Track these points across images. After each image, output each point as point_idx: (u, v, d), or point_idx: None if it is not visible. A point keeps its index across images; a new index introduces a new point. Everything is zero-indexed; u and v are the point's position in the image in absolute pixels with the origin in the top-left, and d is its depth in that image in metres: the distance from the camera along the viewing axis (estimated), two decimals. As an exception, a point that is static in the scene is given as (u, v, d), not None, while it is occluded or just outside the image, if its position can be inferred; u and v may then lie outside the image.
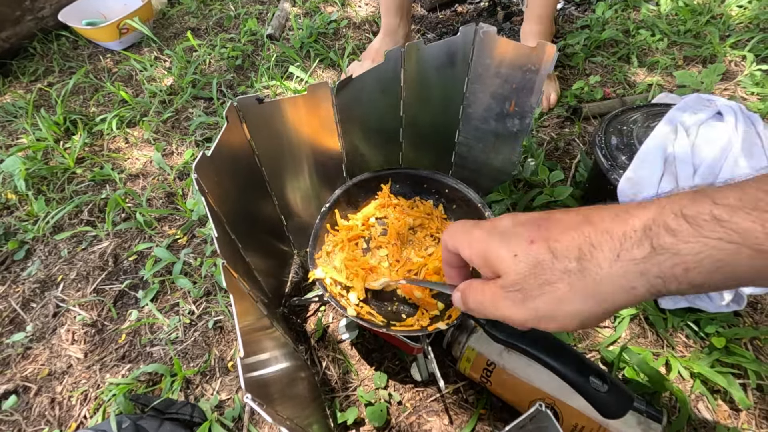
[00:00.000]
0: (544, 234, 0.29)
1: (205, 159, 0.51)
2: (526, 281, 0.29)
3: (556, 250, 0.28)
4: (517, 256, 0.29)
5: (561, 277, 0.28)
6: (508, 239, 0.31)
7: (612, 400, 0.44)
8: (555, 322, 0.29)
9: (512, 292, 0.30)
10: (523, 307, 0.30)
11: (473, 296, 0.34)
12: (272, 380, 0.49)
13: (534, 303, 0.29)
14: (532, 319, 0.30)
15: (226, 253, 0.48)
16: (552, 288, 0.28)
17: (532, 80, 0.67)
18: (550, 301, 0.28)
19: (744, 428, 0.63)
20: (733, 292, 0.65)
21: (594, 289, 0.27)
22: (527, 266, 0.29)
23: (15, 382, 0.74)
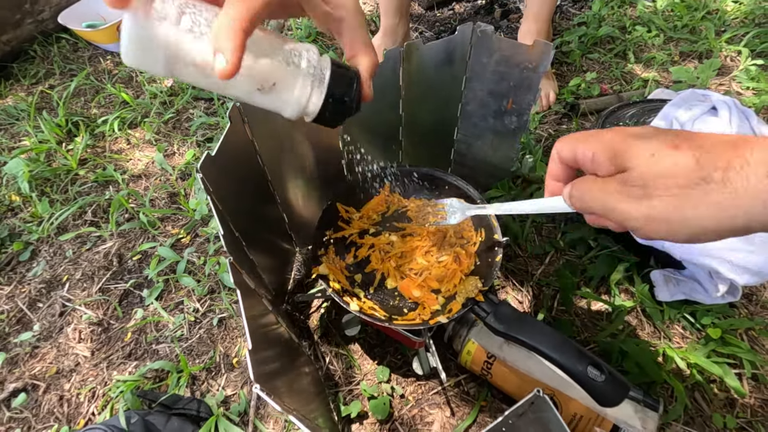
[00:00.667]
0: (691, 143, 0.27)
1: (209, 159, 0.52)
2: (655, 180, 0.27)
3: (702, 159, 0.26)
4: (654, 156, 0.27)
5: (697, 184, 0.26)
6: (648, 140, 0.28)
7: (609, 390, 0.46)
8: (666, 225, 0.27)
9: (633, 187, 0.28)
10: (638, 203, 0.28)
11: (581, 185, 0.32)
12: (278, 374, 0.50)
13: (652, 202, 0.27)
14: (642, 218, 0.28)
15: (232, 251, 0.49)
16: (681, 193, 0.26)
17: (529, 78, 0.68)
18: (674, 204, 0.27)
19: (740, 417, 0.64)
20: (728, 283, 0.66)
21: (731, 201, 0.25)
22: (663, 167, 0.27)
23: (24, 381, 0.75)
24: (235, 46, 0.29)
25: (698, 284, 0.70)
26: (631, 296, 0.76)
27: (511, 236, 0.84)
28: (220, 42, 0.29)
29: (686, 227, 0.27)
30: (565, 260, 0.82)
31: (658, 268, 0.75)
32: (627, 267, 0.76)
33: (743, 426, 0.64)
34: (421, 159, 0.84)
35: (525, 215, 0.87)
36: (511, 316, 0.53)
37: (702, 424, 0.64)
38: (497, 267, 0.60)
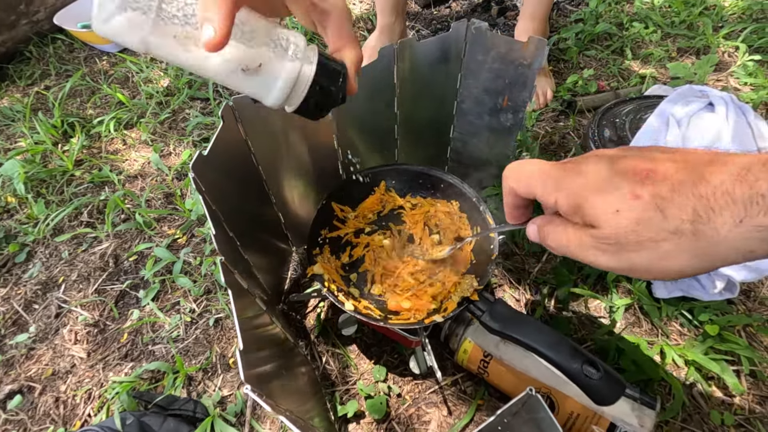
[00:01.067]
0: (651, 190, 0.26)
1: (202, 158, 0.52)
2: (625, 236, 0.27)
3: (666, 210, 0.26)
4: (619, 212, 0.27)
5: (669, 237, 0.26)
6: (607, 192, 0.28)
7: (604, 387, 0.45)
8: (649, 274, 0.28)
9: (608, 245, 0.28)
10: (615, 257, 0.28)
11: (555, 236, 0.32)
12: (273, 375, 0.50)
13: (629, 255, 0.27)
14: (624, 269, 0.28)
15: (225, 251, 0.49)
16: (655, 246, 0.26)
17: (524, 75, 0.68)
18: (651, 257, 0.27)
19: (737, 414, 0.64)
20: (725, 279, 0.66)
21: (706, 251, 0.25)
22: (630, 223, 0.27)
23: (20, 382, 0.75)
24: (224, 14, 0.28)
25: (696, 281, 0.70)
26: (629, 293, 0.75)
27: (508, 234, 0.84)
28: (209, 10, 0.28)
29: (669, 273, 0.27)
30: (562, 258, 0.82)
31: (656, 265, 0.75)
32: (624, 264, 0.76)
33: (741, 423, 0.63)
34: (417, 157, 0.84)
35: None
36: (507, 315, 0.53)
37: (700, 422, 0.64)
38: (493, 265, 0.59)
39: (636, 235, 0.27)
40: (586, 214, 0.29)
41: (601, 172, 0.29)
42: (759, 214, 0.23)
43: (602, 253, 0.29)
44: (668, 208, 0.26)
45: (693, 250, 0.25)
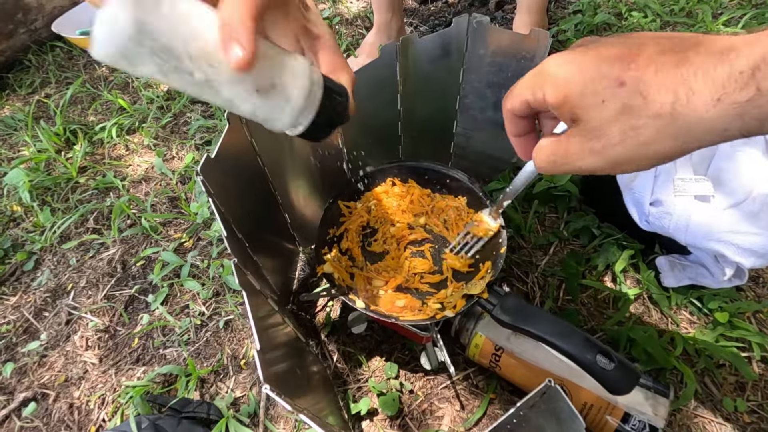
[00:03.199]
0: (636, 74, 0.26)
1: (209, 161, 0.52)
2: (609, 128, 0.27)
3: (648, 94, 0.26)
4: (604, 102, 0.27)
5: (648, 122, 0.26)
6: (596, 80, 0.28)
7: (619, 377, 0.45)
8: (632, 164, 0.28)
9: (591, 140, 0.29)
10: (600, 155, 0.29)
11: (544, 152, 0.32)
12: (287, 374, 0.50)
13: (614, 150, 0.28)
14: (608, 167, 0.29)
15: (236, 253, 0.49)
16: (636, 133, 0.27)
17: (527, 68, 0.67)
18: (632, 146, 0.27)
19: (750, 400, 0.64)
20: (734, 266, 0.66)
21: (684, 131, 0.26)
22: (614, 112, 0.27)
23: (33, 390, 0.75)
24: (249, 32, 0.28)
25: (704, 269, 0.70)
26: (637, 283, 0.76)
27: (514, 228, 0.84)
28: (235, 28, 0.28)
29: (650, 160, 0.28)
30: (570, 250, 0.82)
31: (663, 254, 0.75)
32: (632, 254, 0.76)
33: (754, 409, 0.63)
34: (421, 154, 0.84)
35: (528, 206, 0.86)
36: (518, 308, 0.53)
37: (713, 408, 0.64)
38: (502, 259, 0.60)
39: (619, 124, 0.27)
40: (573, 105, 0.29)
41: (589, 60, 0.28)
42: (735, 90, 0.23)
43: (588, 153, 0.29)
44: (650, 93, 0.26)
45: (672, 132, 0.26)
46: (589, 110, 0.28)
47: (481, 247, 0.64)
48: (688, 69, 0.25)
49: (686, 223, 0.65)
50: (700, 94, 0.24)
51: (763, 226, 0.62)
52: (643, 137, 0.27)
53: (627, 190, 0.72)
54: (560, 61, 0.30)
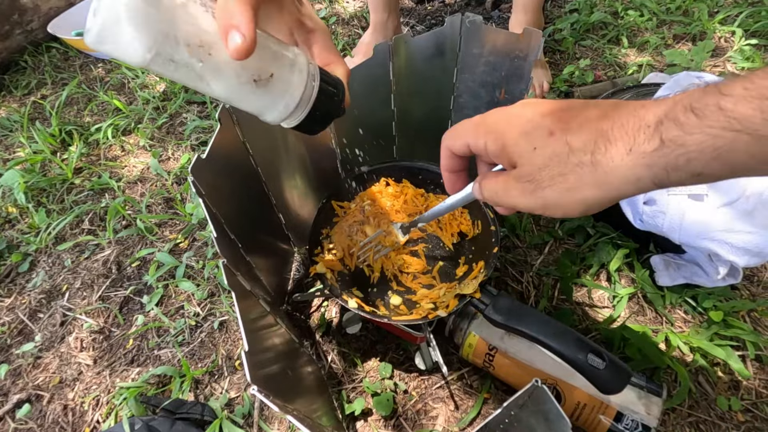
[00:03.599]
0: (563, 126, 0.30)
1: (200, 162, 0.52)
2: (540, 173, 0.31)
3: (573, 144, 0.29)
4: (536, 150, 0.31)
5: (573, 170, 0.29)
6: (530, 131, 0.31)
7: (610, 377, 0.45)
8: (560, 209, 0.31)
9: (525, 183, 0.32)
10: (532, 196, 0.31)
11: (488, 185, 0.35)
12: (280, 375, 0.50)
13: (543, 193, 0.31)
14: (539, 208, 0.32)
15: (227, 253, 0.49)
16: (563, 179, 0.30)
17: (520, 67, 0.67)
18: (560, 191, 0.30)
19: (744, 399, 0.64)
20: (728, 265, 0.65)
21: (603, 179, 0.28)
22: (543, 159, 0.30)
23: (27, 391, 0.75)
24: (248, 20, 0.28)
25: (699, 267, 0.70)
26: (632, 282, 0.76)
27: (509, 227, 0.84)
28: (234, 16, 0.28)
29: (576, 206, 0.30)
30: (564, 249, 0.81)
31: (658, 253, 0.75)
32: (626, 253, 0.76)
33: (748, 408, 0.63)
34: (416, 153, 0.84)
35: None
36: (510, 307, 0.53)
37: (707, 408, 0.64)
38: (495, 259, 0.59)
39: (549, 170, 0.30)
40: (510, 152, 0.32)
41: (526, 115, 0.32)
42: (644, 142, 0.26)
43: (522, 192, 0.32)
44: (574, 142, 0.29)
45: (593, 180, 0.29)
46: (523, 156, 0.31)
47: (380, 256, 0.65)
48: (607, 123, 0.28)
49: (680, 222, 0.65)
50: (615, 145, 0.28)
51: (757, 224, 0.62)
52: (568, 183, 0.30)
53: (621, 189, 0.72)
54: (501, 115, 0.34)
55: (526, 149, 0.31)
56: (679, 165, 0.26)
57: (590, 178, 0.29)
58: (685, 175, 0.26)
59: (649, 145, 0.26)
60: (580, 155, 0.29)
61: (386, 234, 0.65)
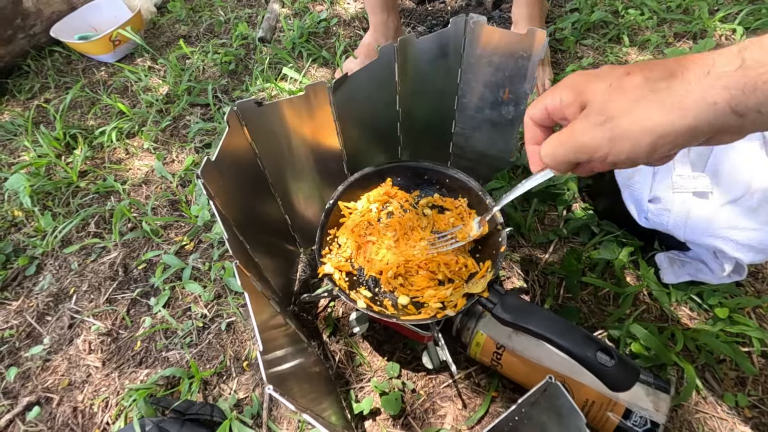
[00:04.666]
0: (642, 68, 0.30)
1: (210, 164, 0.52)
2: (612, 103, 0.30)
3: (650, 75, 0.29)
4: (611, 85, 0.31)
5: (647, 96, 0.29)
6: (606, 74, 0.32)
7: (619, 374, 0.46)
8: (628, 141, 0.30)
9: (594, 116, 0.31)
10: (600, 128, 0.31)
11: (548, 142, 0.35)
12: (290, 375, 0.50)
13: (612, 123, 0.30)
14: (606, 141, 0.31)
15: (238, 255, 0.49)
16: (635, 105, 0.29)
17: (524, 67, 0.68)
18: (632, 118, 0.29)
19: (751, 395, 0.64)
20: (733, 262, 0.66)
21: (678, 102, 0.28)
22: (618, 91, 0.30)
23: (37, 394, 0.76)
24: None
25: (703, 265, 0.70)
26: (637, 280, 0.76)
27: (514, 226, 0.84)
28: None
29: (645, 136, 0.29)
30: (569, 248, 0.82)
31: (663, 251, 0.75)
32: (631, 251, 0.76)
33: (755, 403, 0.64)
34: (421, 154, 0.84)
35: (528, 205, 0.87)
36: (518, 306, 0.53)
37: (714, 404, 0.64)
38: (502, 258, 0.60)
39: (621, 101, 0.30)
40: (585, 95, 0.32)
41: (603, 68, 0.33)
42: (725, 64, 0.27)
43: (588, 129, 0.31)
44: (651, 74, 0.29)
45: (667, 104, 0.28)
46: (597, 93, 0.31)
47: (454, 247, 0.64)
48: (687, 59, 0.29)
49: (685, 220, 0.65)
50: (692, 68, 0.28)
51: (762, 221, 0.62)
52: (640, 109, 0.29)
53: (625, 188, 0.72)
54: (576, 74, 0.35)
55: (601, 87, 0.31)
56: (758, 85, 0.25)
57: (664, 101, 0.28)
58: (764, 98, 0.26)
59: (730, 65, 0.26)
60: (656, 83, 0.29)
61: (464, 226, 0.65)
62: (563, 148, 0.34)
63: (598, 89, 0.31)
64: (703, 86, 0.27)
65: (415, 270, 0.64)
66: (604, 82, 0.31)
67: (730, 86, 0.26)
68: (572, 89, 0.34)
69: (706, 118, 0.27)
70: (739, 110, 0.26)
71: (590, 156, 0.32)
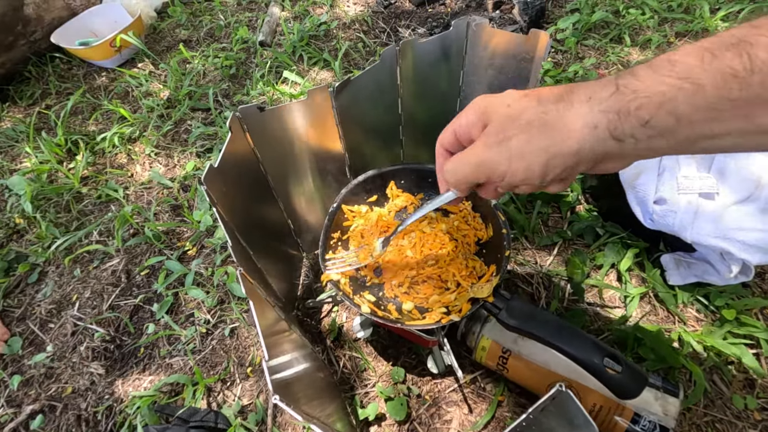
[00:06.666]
0: (537, 93, 0.33)
1: (212, 170, 0.52)
2: (509, 123, 0.33)
3: (542, 98, 0.32)
4: (509, 106, 0.34)
5: (538, 117, 0.32)
6: (506, 96, 0.35)
7: (626, 381, 0.45)
8: (524, 160, 0.32)
9: (492, 136, 0.34)
10: (498, 147, 0.33)
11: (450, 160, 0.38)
12: (294, 381, 0.50)
13: (509, 143, 0.33)
14: (504, 160, 0.33)
15: (241, 261, 0.49)
16: (528, 127, 0.32)
17: (527, 69, 0.67)
18: (524, 138, 0.32)
19: (760, 397, 0.64)
20: (740, 263, 0.65)
21: (562, 125, 0.31)
22: (515, 111, 0.33)
23: (41, 402, 0.75)
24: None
25: (710, 266, 0.69)
26: (643, 282, 0.75)
27: (518, 229, 0.84)
28: None
29: (538, 154, 0.32)
30: (574, 250, 0.81)
31: (668, 252, 0.75)
32: (636, 253, 0.76)
33: (764, 406, 0.63)
34: (423, 156, 0.84)
35: (532, 207, 0.86)
36: (524, 311, 0.53)
37: (722, 407, 0.64)
38: (507, 261, 0.59)
39: (517, 122, 0.33)
40: (486, 114, 0.35)
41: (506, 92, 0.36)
42: (602, 89, 0.29)
43: (488, 148, 0.34)
44: (543, 97, 0.32)
45: (552, 127, 0.31)
46: (496, 113, 0.34)
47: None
48: (577, 85, 0.32)
49: (691, 221, 0.65)
50: (578, 94, 0.31)
51: (769, 222, 0.62)
52: (533, 131, 0.32)
53: (630, 189, 0.72)
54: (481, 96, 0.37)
55: (500, 107, 0.34)
56: (630, 110, 0.28)
57: (552, 123, 0.31)
58: (635, 125, 0.28)
59: (606, 91, 0.29)
60: (547, 105, 0.32)
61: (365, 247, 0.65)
62: (465, 166, 0.36)
63: (498, 110, 0.34)
64: (585, 110, 0.30)
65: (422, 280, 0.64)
66: (504, 103, 0.34)
67: (607, 110, 0.29)
68: (476, 110, 0.36)
69: (589, 141, 0.30)
70: (616, 135, 0.29)
71: (490, 173, 0.35)
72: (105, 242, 0.98)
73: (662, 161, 0.68)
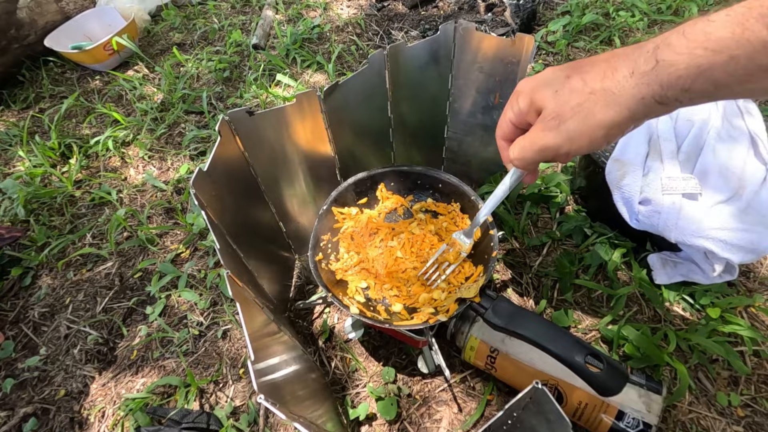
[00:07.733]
0: (577, 69, 0.35)
1: (201, 174, 0.52)
2: (562, 108, 0.35)
3: (586, 78, 0.34)
4: (557, 92, 0.36)
5: (588, 98, 0.34)
6: (550, 80, 0.37)
7: (608, 379, 0.46)
8: (585, 138, 0.35)
9: (549, 121, 0.36)
10: (557, 131, 0.36)
11: (514, 145, 0.40)
12: (284, 383, 0.50)
13: (567, 125, 0.35)
14: (566, 141, 0.36)
15: (230, 264, 0.49)
16: (581, 108, 0.34)
17: (514, 72, 0.69)
18: (580, 119, 0.34)
19: (744, 394, 0.65)
20: (724, 262, 0.66)
21: (613, 100, 0.33)
22: (564, 96, 0.35)
23: (34, 405, 0.76)
24: None
25: (695, 265, 0.70)
26: (630, 281, 0.76)
27: (508, 229, 0.85)
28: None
29: (597, 130, 0.34)
30: (563, 250, 0.82)
31: (655, 252, 0.76)
32: (624, 253, 0.77)
33: (748, 402, 0.64)
34: (414, 159, 0.85)
35: (521, 208, 0.87)
36: (509, 311, 0.54)
37: (707, 404, 0.65)
38: (494, 262, 0.60)
39: (569, 104, 0.35)
40: (536, 101, 0.37)
41: (546, 72, 0.38)
42: (643, 64, 0.31)
43: (548, 132, 0.36)
44: (587, 78, 0.34)
45: (605, 103, 0.33)
46: (546, 100, 0.36)
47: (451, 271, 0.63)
48: (614, 57, 0.34)
49: (675, 221, 0.66)
50: (620, 71, 0.33)
51: (751, 221, 0.63)
52: (586, 110, 0.34)
53: (616, 190, 0.73)
54: (526, 79, 0.40)
55: (549, 93, 0.36)
56: (671, 82, 0.30)
57: (603, 101, 0.33)
58: (677, 92, 0.30)
59: (647, 66, 0.31)
60: (593, 84, 0.34)
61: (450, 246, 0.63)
62: (529, 152, 0.39)
63: (547, 96, 0.36)
64: (630, 84, 0.32)
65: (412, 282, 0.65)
66: (551, 88, 0.36)
67: (650, 83, 0.31)
68: (524, 99, 0.38)
69: (638, 108, 0.33)
70: (662, 101, 0.32)
71: (554, 154, 0.37)
72: (98, 245, 0.98)
73: (646, 162, 0.69)
